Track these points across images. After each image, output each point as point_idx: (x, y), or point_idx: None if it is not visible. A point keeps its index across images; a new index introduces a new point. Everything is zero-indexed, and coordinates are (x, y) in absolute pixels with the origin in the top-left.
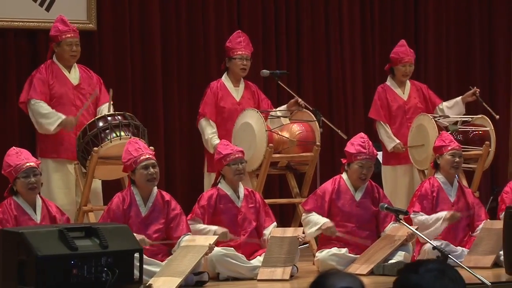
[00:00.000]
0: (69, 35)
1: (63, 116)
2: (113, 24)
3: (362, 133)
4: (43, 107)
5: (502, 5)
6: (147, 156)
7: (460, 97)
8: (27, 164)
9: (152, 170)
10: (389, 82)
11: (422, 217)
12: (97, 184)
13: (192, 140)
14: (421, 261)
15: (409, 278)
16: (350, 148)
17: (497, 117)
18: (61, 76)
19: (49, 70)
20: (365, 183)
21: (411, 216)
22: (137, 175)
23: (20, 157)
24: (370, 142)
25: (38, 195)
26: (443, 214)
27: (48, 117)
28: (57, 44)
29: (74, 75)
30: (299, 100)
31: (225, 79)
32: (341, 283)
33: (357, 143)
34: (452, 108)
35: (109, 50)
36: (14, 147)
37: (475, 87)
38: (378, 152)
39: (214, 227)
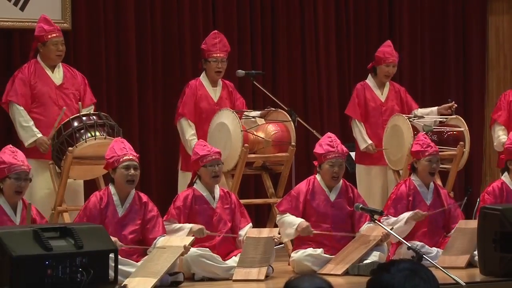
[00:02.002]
0: (54, 35)
1: (38, 135)
2: (88, 23)
3: (329, 132)
4: (24, 118)
5: (477, 7)
6: (130, 157)
7: (437, 107)
8: (22, 167)
9: (132, 171)
10: (369, 81)
11: (390, 220)
12: (78, 184)
13: (167, 140)
14: (394, 261)
15: (381, 277)
16: (318, 149)
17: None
18: (43, 76)
19: (31, 70)
20: (338, 182)
21: (381, 219)
22: (117, 174)
23: (16, 157)
24: (338, 140)
25: None
26: (407, 214)
27: (26, 131)
28: (42, 44)
29: (57, 74)
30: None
31: (203, 78)
32: (309, 285)
33: (325, 143)
34: (427, 116)
35: (84, 50)
36: (10, 145)
37: (453, 102)
38: (351, 152)
39: (189, 225)
